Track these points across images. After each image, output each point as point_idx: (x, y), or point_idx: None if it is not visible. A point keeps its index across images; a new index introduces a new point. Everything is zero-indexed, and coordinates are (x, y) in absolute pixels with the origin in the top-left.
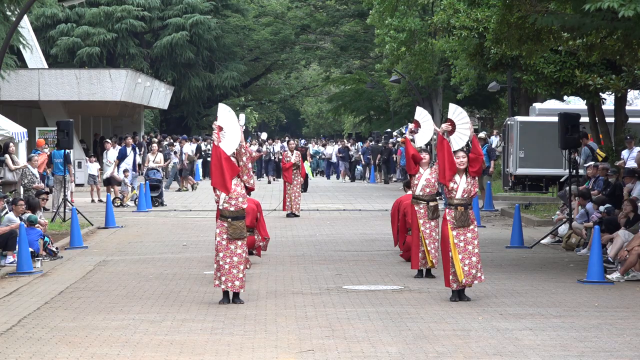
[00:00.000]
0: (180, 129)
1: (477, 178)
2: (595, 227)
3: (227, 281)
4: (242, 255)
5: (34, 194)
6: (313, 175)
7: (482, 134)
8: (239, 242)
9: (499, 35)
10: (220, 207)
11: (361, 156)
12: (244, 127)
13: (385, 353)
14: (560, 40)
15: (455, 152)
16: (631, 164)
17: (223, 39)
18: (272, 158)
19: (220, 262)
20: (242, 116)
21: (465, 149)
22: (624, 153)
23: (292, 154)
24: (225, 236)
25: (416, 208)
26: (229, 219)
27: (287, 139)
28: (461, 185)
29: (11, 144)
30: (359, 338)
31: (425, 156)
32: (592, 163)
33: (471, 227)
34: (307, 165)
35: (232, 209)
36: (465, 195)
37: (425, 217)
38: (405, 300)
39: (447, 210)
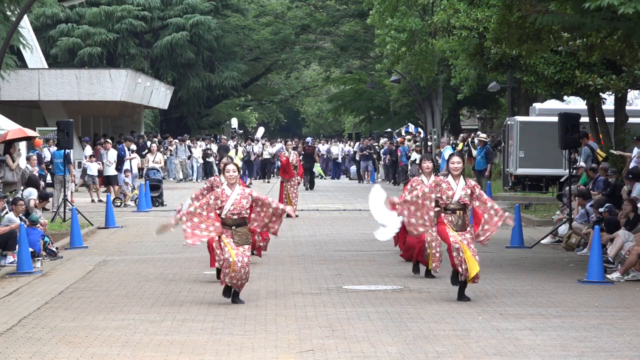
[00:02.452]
0: (180, 129)
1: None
2: (595, 227)
3: (234, 278)
4: (249, 257)
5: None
6: (325, 176)
7: (482, 135)
8: (246, 246)
9: (499, 35)
10: (223, 216)
11: (384, 156)
12: (258, 139)
13: (385, 353)
14: (560, 40)
15: (451, 155)
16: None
17: (223, 39)
18: (252, 159)
19: (230, 260)
20: (261, 129)
21: (464, 152)
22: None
23: (288, 153)
24: (231, 239)
25: None
26: (233, 227)
27: (280, 140)
28: (457, 191)
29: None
30: (359, 338)
31: (428, 165)
32: (582, 166)
33: (468, 229)
34: (317, 166)
35: (235, 217)
36: (461, 201)
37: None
38: (405, 300)
39: (444, 214)
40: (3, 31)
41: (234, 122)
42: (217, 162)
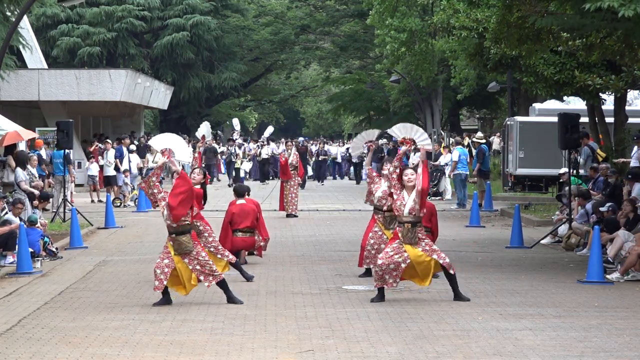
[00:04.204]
0: (180, 129)
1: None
2: (595, 227)
3: (206, 278)
4: (205, 256)
5: (38, 194)
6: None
7: (478, 135)
8: (193, 254)
9: (498, 35)
10: (167, 223)
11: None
12: (238, 132)
13: (385, 353)
14: (560, 40)
15: (403, 168)
16: (635, 162)
17: (223, 39)
18: (233, 160)
19: (189, 267)
20: (270, 129)
21: (413, 166)
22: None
23: (288, 154)
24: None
25: (376, 216)
26: (173, 235)
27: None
28: (408, 203)
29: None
30: (358, 338)
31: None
32: (563, 171)
33: (424, 243)
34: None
35: (175, 225)
36: (413, 213)
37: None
38: (405, 300)
39: (398, 227)
40: (3, 31)
41: (235, 122)
42: (203, 164)
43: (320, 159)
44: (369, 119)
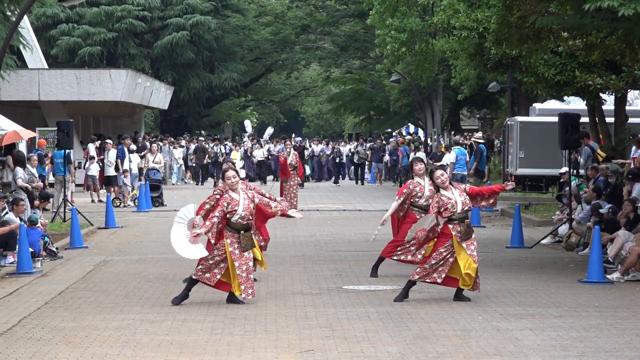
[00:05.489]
0: (181, 129)
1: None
2: (595, 227)
3: (247, 289)
4: (252, 260)
5: (38, 194)
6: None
7: (477, 135)
8: (250, 250)
9: (499, 35)
10: (233, 221)
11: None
12: (249, 133)
13: (385, 353)
14: (561, 40)
15: (435, 169)
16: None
17: (223, 39)
18: (219, 160)
19: (237, 272)
20: (270, 130)
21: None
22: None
23: (287, 153)
24: (237, 245)
25: (418, 217)
26: (242, 232)
27: (284, 140)
28: (458, 200)
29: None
30: (359, 338)
31: (420, 167)
32: (564, 171)
33: (473, 235)
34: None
35: (245, 222)
36: (465, 208)
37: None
38: (406, 300)
39: (451, 226)
40: (3, 31)
41: (247, 124)
42: (194, 164)
43: (337, 160)
44: (369, 119)
